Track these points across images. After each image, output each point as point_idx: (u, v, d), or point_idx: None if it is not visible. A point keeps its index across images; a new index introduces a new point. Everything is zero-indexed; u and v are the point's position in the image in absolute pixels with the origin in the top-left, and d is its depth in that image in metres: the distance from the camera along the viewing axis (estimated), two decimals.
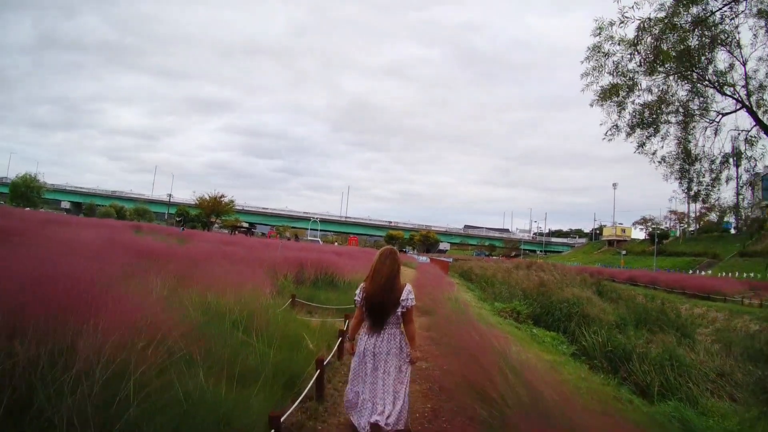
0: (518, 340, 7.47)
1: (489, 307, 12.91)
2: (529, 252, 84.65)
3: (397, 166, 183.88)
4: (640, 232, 77.55)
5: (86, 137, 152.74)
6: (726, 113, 6.69)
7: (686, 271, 40.53)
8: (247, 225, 77.79)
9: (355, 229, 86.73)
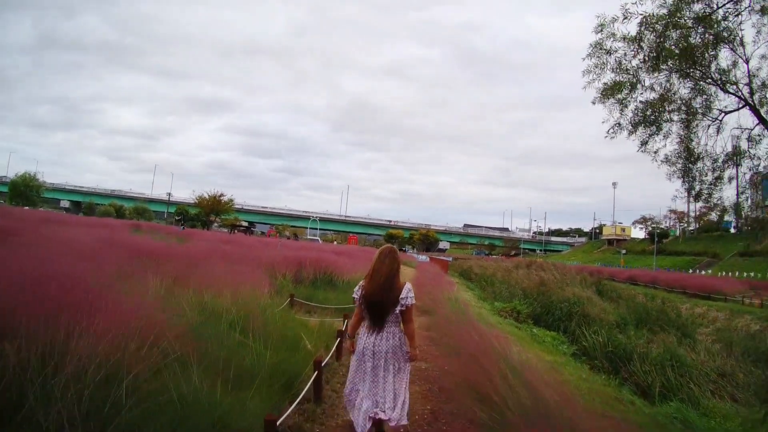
0: (518, 340, 7.42)
1: (489, 307, 12.85)
2: (529, 251, 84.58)
3: (397, 166, 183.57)
4: (639, 232, 77.70)
5: (86, 137, 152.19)
6: (728, 111, 6.63)
7: (686, 271, 40.53)
8: (246, 224, 77.71)
9: (355, 228, 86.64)
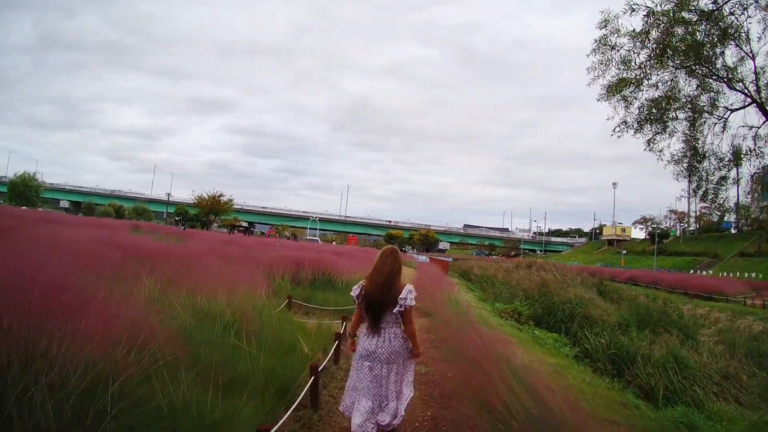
0: (521, 343, 7.30)
1: (490, 308, 12.73)
2: (529, 251, 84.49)
3: (398, 166, 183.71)
4: (640, 232, 77.61)
5: (86, 137, 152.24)
6: (734, 109, 6.51)
7: (687, 271, 40.38)
8: (245, 224, 77.59)
9: (355, 229, 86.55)
